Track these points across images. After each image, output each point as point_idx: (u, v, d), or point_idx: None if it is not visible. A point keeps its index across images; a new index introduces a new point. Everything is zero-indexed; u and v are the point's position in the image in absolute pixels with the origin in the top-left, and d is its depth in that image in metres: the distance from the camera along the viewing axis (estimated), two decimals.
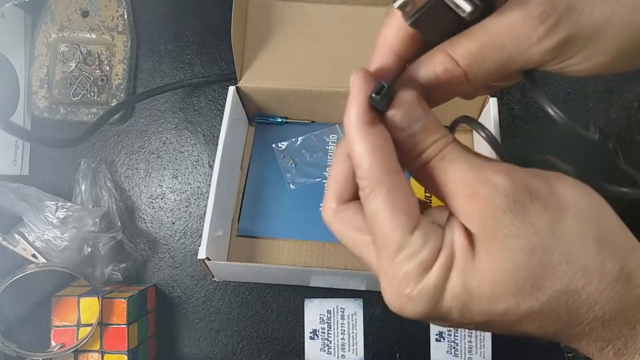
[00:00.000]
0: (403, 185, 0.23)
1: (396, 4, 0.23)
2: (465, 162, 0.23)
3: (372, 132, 0.23)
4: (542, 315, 0.22)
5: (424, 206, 0.26)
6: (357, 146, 0.23)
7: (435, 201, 0.51)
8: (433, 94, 0.25)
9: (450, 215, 0.24)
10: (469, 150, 0.24)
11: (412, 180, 0.26)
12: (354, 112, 0.23)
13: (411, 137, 0.24)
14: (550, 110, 0.25)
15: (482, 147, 0.52)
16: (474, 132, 0.56)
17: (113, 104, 0.59)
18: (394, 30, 0.25)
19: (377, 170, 0.23)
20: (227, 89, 0.51)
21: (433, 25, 0.24)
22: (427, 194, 0.52)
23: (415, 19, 0.23)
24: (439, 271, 0.22)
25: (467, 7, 0.22)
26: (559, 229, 0.21)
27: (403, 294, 0.22)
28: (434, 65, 0.24)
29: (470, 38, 0.24)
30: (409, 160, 0.24)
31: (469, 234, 0.23)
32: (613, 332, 0.22)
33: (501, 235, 0.21)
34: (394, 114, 0.24)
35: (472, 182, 0.22)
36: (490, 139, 0.25)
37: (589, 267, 0.21)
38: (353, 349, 0.54)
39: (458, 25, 0.24)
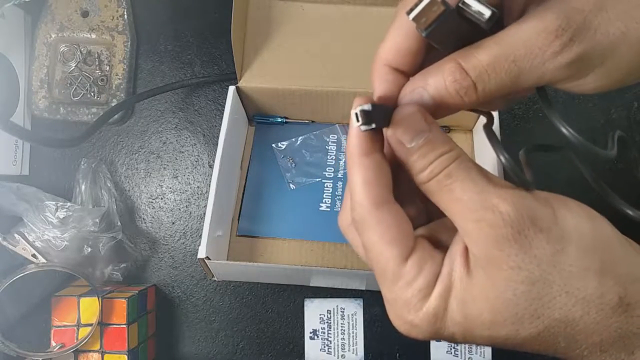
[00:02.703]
0: (393, 216, 0.23)
1: (411, 16, 0.22)
2: (472, 184, 0.23)
3: (365, 164, 0.23)
4: (540, 340, 0.22)
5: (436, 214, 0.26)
6: (351, 177, 0.24)
7: None
8: (441, 104, 0.24)
9: (454, 239, 0.24)
10: (476, 167, 0.23)
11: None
12: (350, 143, 0.24)
13: (414, 151, 0.23)
14: (564, 131, 0.24)
15: (483, 147, 0.52)
16: (474, 133, 0.56)
17: (113, 104, 0.59)
18: (392, 46, 0.25)
19: (366, 203, 0.23)
20: (227, 89, 0.51)
21: (447, 35, 0.24)
22: None
23: (431, 31, 0.23)
24: (437, 300, 0.23)
25: (487, 12, 0.22)
26: (560, 261, 0.22)
27: (406, 320, 0.23)
28: (443, 74, 0.24)
29: (482, 49, 0.23)
30: (415, 175, 0.24)
31: (468, 259, 0.23)
32: (612, 356, 0.22)
33: (505, 265, 0.22)
34: (393, 131, 0.24)
35: (478, 207, 0.22)
36: (510, 166, 0.24)
37: (588, 299, 0.21)
38: (353, 349, 0.54)
39: (472, 36, 0.23)
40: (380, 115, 0.23)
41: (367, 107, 0.22)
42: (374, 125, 0.23)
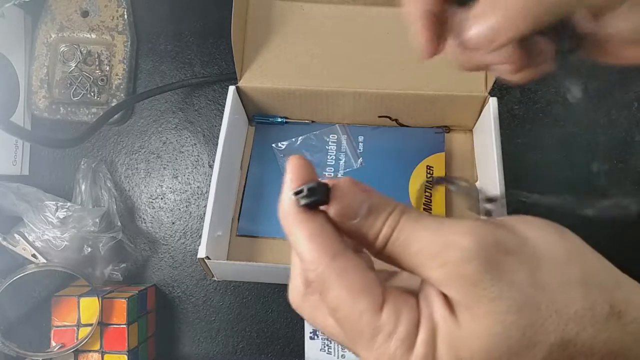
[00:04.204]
0: (353, 264, 0.21)
1: None
2: (425, 231, 0.21)
3: (305, 219, 0.22)
4: None
5: (390, 274, 0.25)
6: (294, 237, 0.22)
7: (435, 208, 0.51)
8: None
9: (424, 281, 0.22)
10: (424, 214, 0.22)
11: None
12: (285, 202, 0.22)
13: (362, 224, 0.22)
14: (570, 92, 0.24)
15: (483, 147, 0.52)
16: (474, 133, 0.56)
17: (113, 104, 0.59)
18: None
19: (319, 258, 0.21)
20: (227, 89, 0.51)
21: None
22: (426, 201, 0.51)
23: None
24: (424, 347, 0.20)
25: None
26: (540, 279, 0.20)
27: None
28: None
29: None
30: (367, 245, 0.23)
31: (447, 300, 0.21)
32: None
33: (484, 299, 0.20)
34: (335, 209, 0.22)
35: (439, 251, 0.21)
36: (468, 192, 0.24)
37: (579, 313, 0.20)
38: None
39: None
40: (320, 192, 0.22)
41: (312, 185, 0.21)
42: (309, 200, 0.22)
